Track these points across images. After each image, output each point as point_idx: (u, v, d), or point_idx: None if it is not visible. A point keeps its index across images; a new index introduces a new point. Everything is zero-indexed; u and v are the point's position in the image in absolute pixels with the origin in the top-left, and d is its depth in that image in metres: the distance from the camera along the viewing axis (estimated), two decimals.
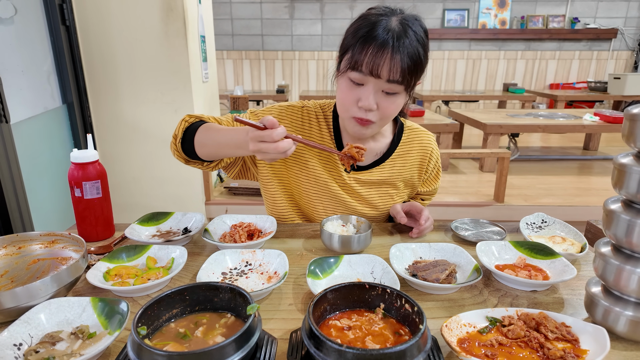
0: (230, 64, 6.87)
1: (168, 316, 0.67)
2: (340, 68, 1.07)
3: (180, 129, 1.12)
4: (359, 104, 1.03)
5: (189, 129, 1.12)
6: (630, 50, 6.81)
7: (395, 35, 0.96)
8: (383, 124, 1.11)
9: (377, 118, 1.06)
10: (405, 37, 0.97)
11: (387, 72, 0.97)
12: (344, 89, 1.05)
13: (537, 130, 3.54)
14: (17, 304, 0.73)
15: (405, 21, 0.99)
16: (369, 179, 1.23)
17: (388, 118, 1.08)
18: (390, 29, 0.97)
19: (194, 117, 1.14)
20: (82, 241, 0.92)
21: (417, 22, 1.01)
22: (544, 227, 1.18)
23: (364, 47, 0.98)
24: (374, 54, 0.96)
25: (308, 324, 0.60)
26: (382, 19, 0.99)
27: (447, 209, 2.88)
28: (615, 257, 0.71)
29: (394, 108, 1.05)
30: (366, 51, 0.97)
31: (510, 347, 0.67)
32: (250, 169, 1.27)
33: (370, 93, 1.01)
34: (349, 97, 1.04)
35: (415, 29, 0.99)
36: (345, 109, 1.07)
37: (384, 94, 1.02)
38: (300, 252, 1.06)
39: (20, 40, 2.04)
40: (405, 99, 1.07)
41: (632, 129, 0.66)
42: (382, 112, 1.05)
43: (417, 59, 0.99)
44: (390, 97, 1.03)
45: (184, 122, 1.13)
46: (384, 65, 0.97)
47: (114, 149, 2.61)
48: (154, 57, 2.44)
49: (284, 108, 1.23)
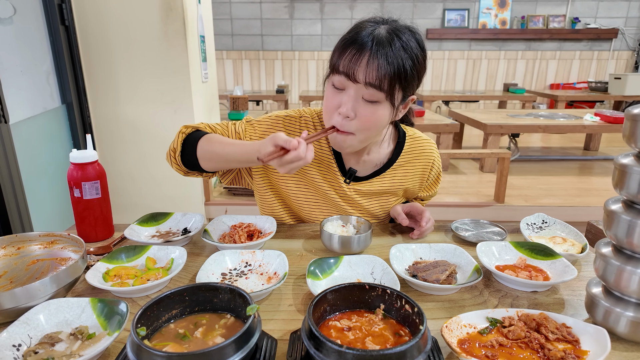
0: (230, 64, 6.88)
1: (167, 317, 0.67)
2: (327, 73, 1.06)
3: (178, 142, 1.11)
4: (339, 110, 1.00)
5: (187, 140, 1.11)
6: (631, 50, 6.81)
7: (377, 40, 0.94)
8: (364, 138, 1.04)
9: (356, 128, 1.01)
10: (388, 43, 0.94)
11: (363, 75, 0.95)
12: (328, 95, 1.04)
13: (537, 130, 3.54)
14: (16, 304, 0.73)
15: (395, 30, 0.97)
16: (369, 189, 1.21)
17: (369, 130, 1.02)
18: (374, 35, 0.95)
19: (191, 127, 1.13)
20: (81, 242, 0.92)
21: (410, 33, 0.98)
22: (544, 227, 1.18)
23: (344, 50, 0.97)
24: (351, 55, 0.95)
25: (308, 325, 0.59)
26: (371, 25, 0.97)
27: (447, 210, 2.88)
28: (616, 257, 0.70)
29: (375, 119, 1.00)
30: (345, 54, 0.96)
31: (510, 347, 0.67)
32: (244, 178, 1.26)
33: (349, 98, 0.98)
34: (331, 104, 1.02)
35: (404, 39, 0.96)
36: (328, 116, 1.04)
37: (364, 102, 0.99)
38: (300, 253, 1.05)
39: (19, 40, 2.04)
40: (389, 111, 1.01)
41: (633, 129, 0.66)
42: (362, 121, 1.00)
43: (400, 67, 0.95)
44: (371, 106, 0.99)
45: (181, 134, 1.12)
46: (360, 68, 0.94)
47: (113, 149, 2.61)
48: (153, 57, 2.44)
49: (281, 118, 1.20)
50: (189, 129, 1.13)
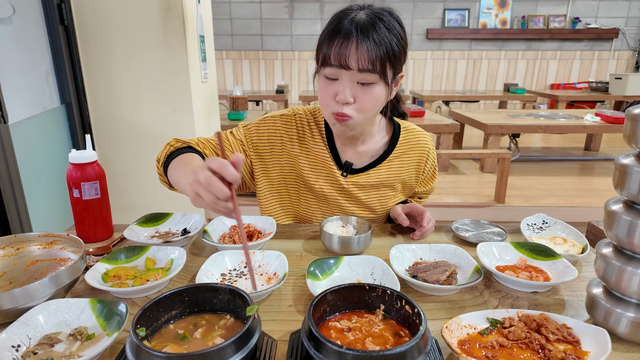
0: (230, 64, 6.88)
1: (167, 317, 0.66)
2: (316, 68, 1.07)
3: (163, 153, 1.09)
4: (336, 98, 1.02)
5: (171, 156, 1.08)
6: (632, 50, 6.81)
7: (360, 25, 0.96)
8: (363, 120, 1.07)
9: (355, 112, 1.04)
10: (372, 26, 0.97)
11: (355, 61, 0.97)
12: (322, 87, 1.05)
13: (538, 130, 3.54)
14: (15, 305, 0.72)
15: (374, 13, 0.99)
16: (366, 181, 1.21)
17: (368, 112, 1.05)
18: (355, 21, 0.97)
19: (180, 142, 1.11)
20: (80, 242, 0.92)
21: (389, 14, 1.01)
22: (544, 228, 1.17)
23: (331, 41, 0.98)
24: (339, 45, 0.97)
25: (308, 326, 0.59)
26: (350, 13, 1.00)
27: (448, 210, 2.88)
28: (616, 258, 0.70)
29: (372, 100, 1.03)
30: (333, 44, 0.98)
31: (511, 348, 0.67)
32: (245, 184, 1.25)
33: (345, 86, 1.00)
34: (326, 94, 1.04)
35: (385, 20, 0.99)
36: (325, 106, 1.06)
37: (359, 86, 1.01)
38: (299, 253, 1.05)
39: (18, 40, 2.04)
40: (384, 90, 1.04)
41: (634, 129, 0.66)
42: (360, 104, 1.03)
43: (389, 47, 0.98)
44: (367, 88, 1.01)
45: (168, 146, 1.10)
46: (351, 55, 0.97)
47: (113, 150, 2.60)
48: (152, 57, 2.44)
49: (277, 118, 1.22)
50: (179, 143, 1.11)
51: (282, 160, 1.22)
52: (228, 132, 1.22)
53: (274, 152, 1.21)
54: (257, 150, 1.21)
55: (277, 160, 1.22)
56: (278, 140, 1.21)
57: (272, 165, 1.22)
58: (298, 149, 1.21)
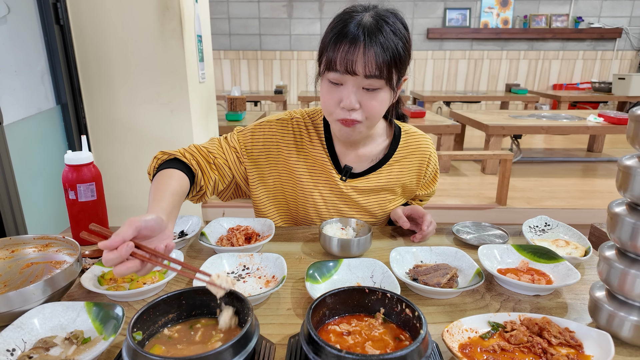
0: (228, 64, 6.87)
1: (164, 321, 0.66)
2: (319, 71, 1.05)
3: (152, 167, 1.07)
4: (341, 105, 1.00)
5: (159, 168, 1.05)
6: (635, 50, 6.79)
7: (367, 29, 0.94)
8: (371, 124, 1.06)
9: (362, 117, 1.03)
10: (378, 30, 0.95)
11: (362, 67, 0.95)
12: (325, 92, 1.03)
13: (540, 131, 3.53)
14: (10, 308, 0.72)
15: (379, 15, 0.97)
16: (366, 185, 1.20)
17: (374, 117, 1.04)
18: (362, 24, 0.95)
19: (167, 154, 1.07)
20: (76, 245, 0.91)
21: (394, 16, 0.99)
22: (547, 230, 1.17)
23: (337, 45, 0.96)
24: (346, 50, 0.95)
25: (307, 329, 0.59)
26: (355, 15, 0.97)
27: (449, 212, 2.87)
28: (619, 261, 0.69)
29: (378, 105, 1.01)
30: (339, 49, 0.96)
31: (513, 352, 0.66)
32: (241, 190, 1.24)
33: (350, 92, 0.99)
34: (330, 100, 1.02)
35: (391, 22, 0.97)
36: (329, 112, 1.05)
37: (365, 91, 1.00)
38: (298, 256, 1.04)
39: (13, 40, 2.03)
40: (389, 95, 1.03)
41: (637, 130, 0.65)
42: (366, 110, 1.01)
43: (395, 51, 0.96)
44: (372, 94, 1.00)
45: (155, 159, 1.07)
46: (358, 60, 0.95)
47: (109, 151, 2.59)
48: (149, 57, 2.42)
49: (273, 122, 1.19)
50: (165, 155, 1.07)
51: (278, 166, 1.20)
52: (222, 138, 1.20)
53: (270, 157, 1.19)
54: (251, 156, 1.18)
55: (274, 165, 1.20)
56: (274, 145, 1.19)
57: (268, 171, 1.20)
58: (295, 153, 1.19)
